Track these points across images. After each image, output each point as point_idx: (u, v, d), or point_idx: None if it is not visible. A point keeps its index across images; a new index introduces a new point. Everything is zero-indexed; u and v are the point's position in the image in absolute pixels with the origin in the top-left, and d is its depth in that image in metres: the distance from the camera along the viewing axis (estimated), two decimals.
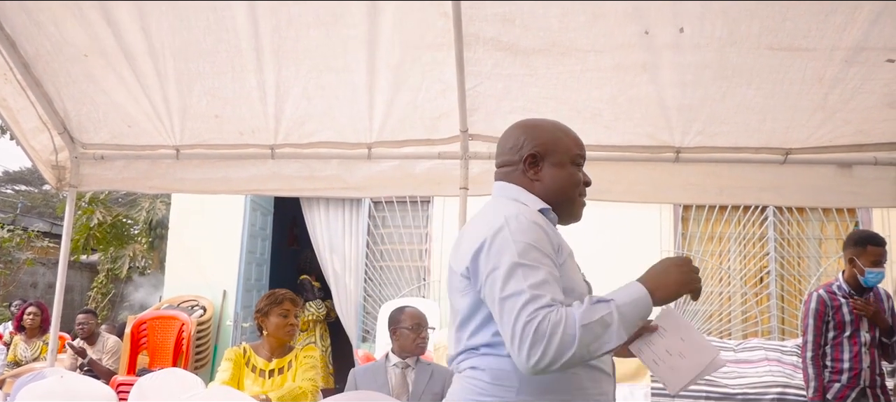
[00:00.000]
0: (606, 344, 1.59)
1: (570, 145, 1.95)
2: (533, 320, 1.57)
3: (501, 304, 1.64)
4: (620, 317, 1.60)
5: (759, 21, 3.08)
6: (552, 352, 1.55)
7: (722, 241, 7.11)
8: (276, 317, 3.63)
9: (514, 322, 1.59)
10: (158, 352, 7.13)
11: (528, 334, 1.56)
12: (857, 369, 3.80)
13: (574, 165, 1.94)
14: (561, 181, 1.91)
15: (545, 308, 1.58)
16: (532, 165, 1.91)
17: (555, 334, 1.55)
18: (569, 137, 1.96)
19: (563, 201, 1.92)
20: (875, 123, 3.55)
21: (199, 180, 4.16)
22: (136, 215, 11.86)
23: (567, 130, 1.99)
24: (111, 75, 3.64)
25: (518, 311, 1.59)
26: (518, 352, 1.59)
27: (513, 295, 1.62)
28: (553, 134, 1.95)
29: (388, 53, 3.41)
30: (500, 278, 1.65)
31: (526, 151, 1.92)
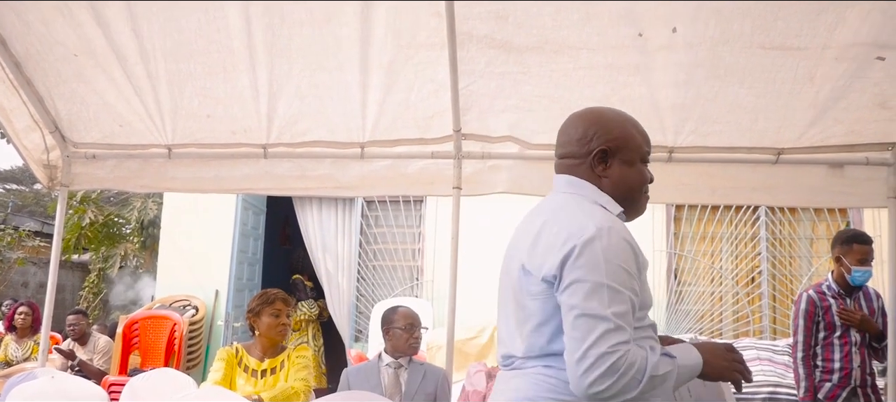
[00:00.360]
0: (658, 397, 1.65)
1: (640, 142, 1.88)
2: (613, 352, 1.56)
3: (579, 318, 1.60)
4: (677, 377, 1.66)
5: (751, 20, 3.09)
6: (617, 388, 1.57)
7: (714, 240, 7.13)
8: (267, 317, 3.63)
9: (591, 344, 1.57)
10: (150, 352, 7.11)
11: (604, 364, 1.56)
12: (848, 368, 3.82)
13: (643, 163, 1.89)
14: (631, 180, 1.86)
15: (625, 344, 1.58)
16: (601, 160, 1.84)
17: (626, 374, 1.56)
18: (639, 133, 1.89)
19: (631, 198, 1.87)
20: (866, 124, 3.56)
21: (191, 179, 4.14)
22: (128, 214, 11.82)
23: (637, 124, 1.91)
24: (102, 76, 3.63)
25: (599, 336, 1.57)
26: (584, 373, 1.57)
27: (595, 316, 1.59)
28: (624, 129, 1.87)
29: (380, 53, 3.40)
30: (583, 291, 1.61)
31: (595, 146, 1.84)
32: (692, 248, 7.11)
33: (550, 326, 1.71)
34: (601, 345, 1.56)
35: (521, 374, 1.78)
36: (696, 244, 7.13)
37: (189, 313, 7.39)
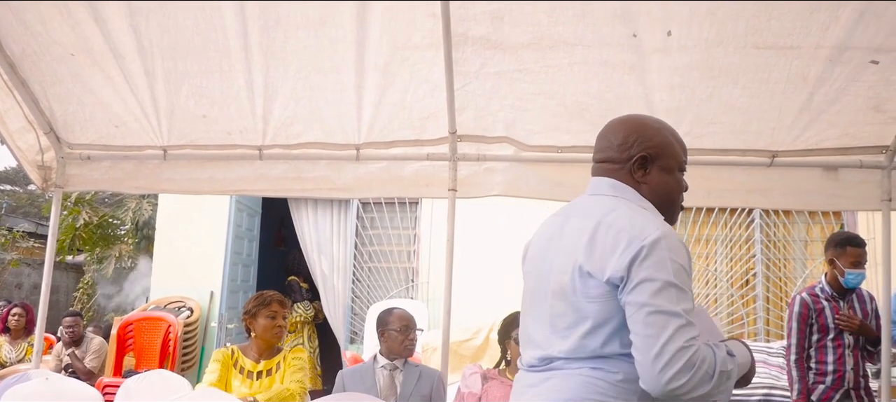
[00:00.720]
0: (723, 395, 1.69)
1: (678, 151, 1.92)
2: (688, 347, 1.59)
3: (651, 315, 1.63)
4: (737, 374, 1.72)
5: (746, 20, 3.10)
6: (693, 382, 1.59)
7: (709, 243, 7.15)
8: (263, 319, 3.62)
9: (666, 340, 1.60)
10: (145, 353, 7.10)
11: (681, 359, 1.59)
12: (841, 371, 3.83)
13: (680, 172, 1.94)
14: (670, 187, 1.90)
15: (696, 340, 1.62)
16: (641, 166, 1.88)
17: (700, 368, 1.60)
18: (678, 143, 1.94)
19: (668, 205, 1.91)
20: (860, 127, 3.58)
21: (187, 181, 4.14)
22: (123, 215, 11.79)
23: (675, 133, 1.96)
24: (98, 74, 3.62)
25: (673, 332, 1.60)
26: (661, 372, 1.60)
27: (668, 313, 1.62)
28: (664, 137, 1.92)
29: (376, 54, 3.41)
30: (652, 290, 1.64)
31: (636, 152, 1.88)
32: None
33: (607, 328, 1.72)
34: (677, 340, 1.60)
35: (561, 374, 1.78)
36: (690, 246, 7.14)
37: (184, 315, 7.39)
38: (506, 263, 6.91)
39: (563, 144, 3.77)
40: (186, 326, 7.29)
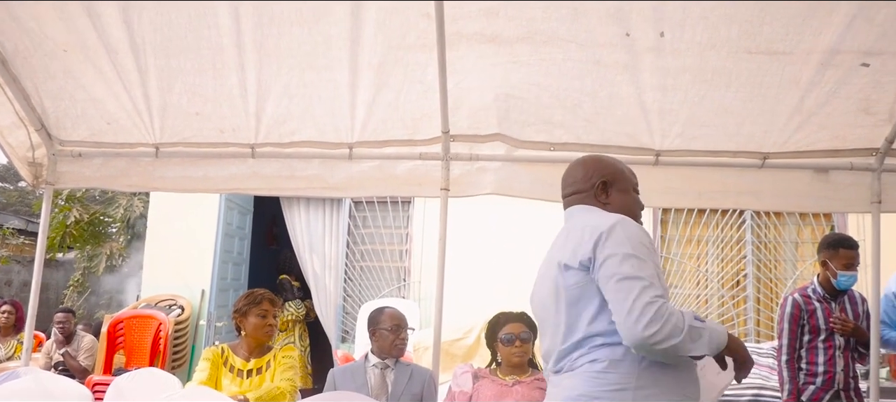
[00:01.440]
0: (696, 350, 1.92)
1: (629, 176, 2.34)
2: (654, 302, 1.88)
3: (619, 282, 1.94)
4: (709, 337, 1.94)
5: (738, 25, 3.11)
6: (666, 332, 1.86)
7: (700, 244, 7.17)
8: (254, 317, 3.62)
9: (634, 300, 1.90)
10: (135, 352, 7.07)
11: (650, 312, 1.87)
12: (832, 372, 3.84)
13: (635, 192, 2.34)
14: (628, 203, 2.28)
15: (661, 297, 1.91)
16: (603, 190, 2.28)
17: (669, 320, 1.87)
18: (627, 169, 2.36)
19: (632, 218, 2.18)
20: (851, 129, 3.60)
21: (179, 179, 4.12)
22: (114, 212, 11.74)
23: (625, 165, 2.38)
24: (91, 70, 3.60)
25: (639, 291, 1.90)
26: (635, 324, 1.88)
27: (631, 278, 1.93)
28: (615, 165, 2.34)
29: (370, 53, 3.40)
30: (616, 261, 1.96)
31: (597, 180, 2.28)
32: (678, 251, 7.15)
33: (590, 307, 2.04)
34: (644, 297, 1.89)
35: (571, 374, 2.07)
36: (682, 247, 7.17)
37: (175, 313, 7.36)
38: (498, 263, 6.93)
39: (555, 140, 3.77)
40: (177, 324, 7.26)
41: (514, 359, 3.43)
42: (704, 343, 1.92)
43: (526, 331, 3.45)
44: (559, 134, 3.76)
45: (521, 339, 3.42)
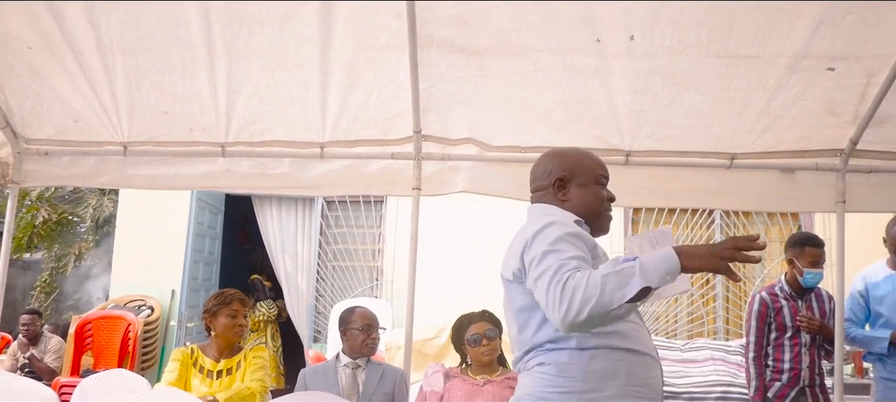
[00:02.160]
0: (628, 291, 1.74)
1: (593, 167, 2.22)
2: (559, 280, 1.80)
3: (536, 282, 1.89)
4: (642, 270, 1.74)
5: (708, 30, 3.16)
6: (577, 303, 1.75)
7: None
8: (224, 317, 3.59)
9: (546, 291, 1.83)
10: (104, 353, 6.98)
11: (557, 292, 1.79)
12: (797, 369, 3.91)
13: (597, 185, 2.21)
14: (587, 199, 2.18)
15: (571, 270, 1.81)
16: (560, 187, 2.19)
17: (578, 288, 1.76)
18: (592, 160, 2.25)
19: (590, 215, 2.17)
20: (816, 130, 3.66)
21: (150, 177, 4.06)
22: (83, 212, 11.58)
23: (590, 153, 2.29)
24: (57, 69, 3.55)
25: (548, 279, 1.83)
26: (553, 313, 1.81)
27: (543, 273, 1.87)
28: (577, 158, 2.24)
29: (341, 53, 3.39)
30: (535, 262, 1.91)
31: (554, 176, 2.20)
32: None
33: (536, 319, 2.02)
34: (552, 285, 1.82)
35: (525, 374, 2.08)
36: None
37: (144, 314, 7.28)
38: (470, 262, 6.94)
39: (526, 144, 3.79)
40: (147, 325, 7.18)
41: (483, 358, 3.45)
42: (638, 278, 1.74)
43: (491, 328, 3.46)
44: (530, 139, 3.78)
45: (488, 337, 3.44)
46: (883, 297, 3.91)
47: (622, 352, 1.99)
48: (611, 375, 1.96)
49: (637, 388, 1.98)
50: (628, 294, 1.73)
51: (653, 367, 2.06)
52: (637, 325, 2.07)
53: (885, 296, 3.91)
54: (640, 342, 2.04)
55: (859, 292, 4.02)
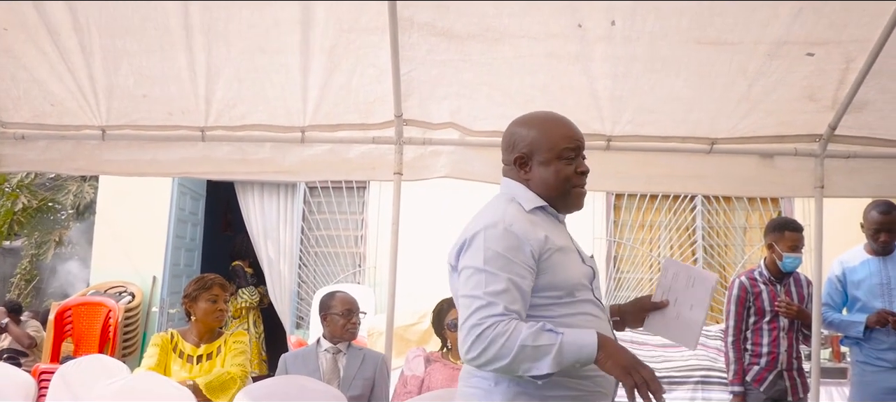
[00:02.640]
0: (537, 370, 1.75)
1: (556, 140, 2.01)
2: (480, 324, 1.76)
3: (460, 301, 1.86)
4: (558, 352, 1.74)
5: (689, 16, 3.17)
6: (488, 356, 1.75)
7: (652, 229, 7.28)
8: (204, 302, 3.58)
9: (465, 319, 1.79)
10: (84, 339, 6.93)
11: (474, 334, 1.76)
12: (775, 353, 3.95)
13: (561, 160, 2.00)
14: (548, 179, 1.99)
15: (495, 317, 1.76)
16: (522, 165, 2.03)
17: (494, 343, 1.74)
18: (557, 132, 2.03)
19: (555, 196, 2.01)
20: (796, 116, 3.68)
21: (127, 162, 4.02)
22: (63, 198, 11.49)
23: (558, 122, 2.07)
24: (32, 50, 3.49)
25: (471, 312, 1.79)
26: (462, 345, 1.80)
27: (470, 296, 1.81)
28: (541, 131, 2.03)
29: (322, 36, 3.37)
30: (465, 277, 1.85)
31: (515, 153, 2.04)
32: (631, 236, 7.26)
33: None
34: (472, 319, 1.78)
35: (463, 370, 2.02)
36: (634, 232, 7.28)
37: (125, 300, 7.23)
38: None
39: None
40: (128, 311, 7.13)
41: None
42: (552, 360, 1.73)
43: None
44: None
45: None
46: (860, 281, 3.95)
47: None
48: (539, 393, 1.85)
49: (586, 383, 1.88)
50: (536, 372, 1.74)
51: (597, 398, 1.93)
52: (594, 316, 1.95)
53: (862, 280, 3.95)
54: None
55: (837, 276, 4.06)
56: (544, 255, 1.88)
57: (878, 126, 3.69)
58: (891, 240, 3.89)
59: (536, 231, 1.88)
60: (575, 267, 1.95)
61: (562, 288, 1.90)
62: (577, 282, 1.93)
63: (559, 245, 1.92)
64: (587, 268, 2.00)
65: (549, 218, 2.00)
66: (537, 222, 1.93)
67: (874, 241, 3.90)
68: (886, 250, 3.91)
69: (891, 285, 3.89)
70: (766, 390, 3.95)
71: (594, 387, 1.89)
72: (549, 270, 1.88)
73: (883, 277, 3.92)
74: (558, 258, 1.90)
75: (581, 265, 1.98)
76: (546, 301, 1.89)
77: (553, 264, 1.89)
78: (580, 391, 1.87)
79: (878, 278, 3.93)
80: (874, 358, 3.87)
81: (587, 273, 1.99)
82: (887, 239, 3.88)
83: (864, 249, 4.02)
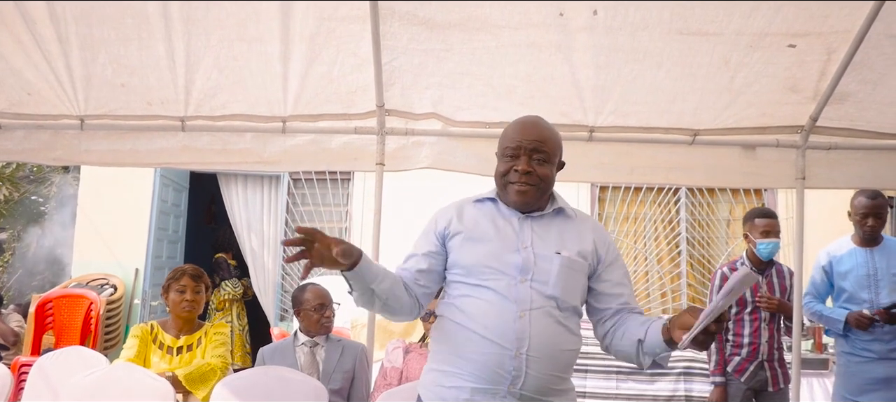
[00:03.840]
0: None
1: (503, 138, 2.21)
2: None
3: None
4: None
5: (671, 7, 3.17)
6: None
7: (637, 221, 7.29)
8: (174, 293, 3.56)
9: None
10: (65, 332, 6.86)
11: None
12: (756, 343, 3.97)
13: (503, 157, 2.19)
14: (497, 172, 2.21)
15: (399, 267, 2.24)
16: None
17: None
18: (509, 131, 2.22)
19: (499, 189, 2.23)
20: (777, 107, 3.68)
21: (106, 152, 3.97)
22: (46, 191, 11.39)
23: (516, 123, 2.24)
24: (7, 39, 3.44)
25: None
26: None
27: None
28: (505, 131, 2.23)
29: (302, 25, 3.34)
30: None
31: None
32: (616, 228, 7.26)
33: None
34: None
35: None
36: (619, 225, 7.28)
37: (107, 292, 7.16)
38: None
39: (490, 120, 3.77)
40: (109, 304, 7.07)
41: None
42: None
43: None
44: (493, 115, 3.76)
45: None
46: (846, 272, 3.98)
47: (457, 327, 2.08)
48: (443, 341, 2.13)
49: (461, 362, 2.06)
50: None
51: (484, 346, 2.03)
52: (487, 301, 2.06)
53: (848, 271, 3.98)
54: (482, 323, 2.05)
55: (823, 266, 4.08)
56: (455, 236, 2.17)
57: (859, 118, 3.70)
58: (878, 226, 3.91)
59: (444, 218, 2.24)
60: (482, 252, 2.12)
61: (461, 267, 2.13)
62: (477, 264, 2.10)
63: (468, 233, 2.16)
64: (514, 256, 2.10)
65: (493, 209, 2.22)
66: (474, 208, 2.24)
67: (862, 227, 3.92)
68: (873, 237, 3.93)
69: (878, 276, 3.91)
70: (746, 380, 3.97)
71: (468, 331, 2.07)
72: (454, 250, 2.17)
73: (870, 267, 3.94)
74: (459, 243, 2.16)
75: (501, 252, 2.11)
76: (452, 278, 2.17)
77: (455, 246, 2.16)
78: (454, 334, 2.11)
79: (864, 270, 3.95)
80: (860, 349, 3.90)
81: (510, 261, 2.10)
82: (875, 224, 3.90)
83: (852, 239, 4.04)
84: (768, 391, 4.00)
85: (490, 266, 2.08)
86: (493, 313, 2.04)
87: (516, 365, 2.00)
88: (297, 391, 3.20)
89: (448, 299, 2.15)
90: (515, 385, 2.01)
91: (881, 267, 3.93)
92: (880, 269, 3.92)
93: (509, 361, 2.00)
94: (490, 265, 2.08)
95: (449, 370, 2.08)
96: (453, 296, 2.14)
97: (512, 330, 2.02)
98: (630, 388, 5.73)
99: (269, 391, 3.23)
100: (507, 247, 2.11)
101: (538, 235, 2.15)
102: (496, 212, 2.21)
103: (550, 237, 2.16)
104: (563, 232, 2.19)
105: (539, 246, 2.13)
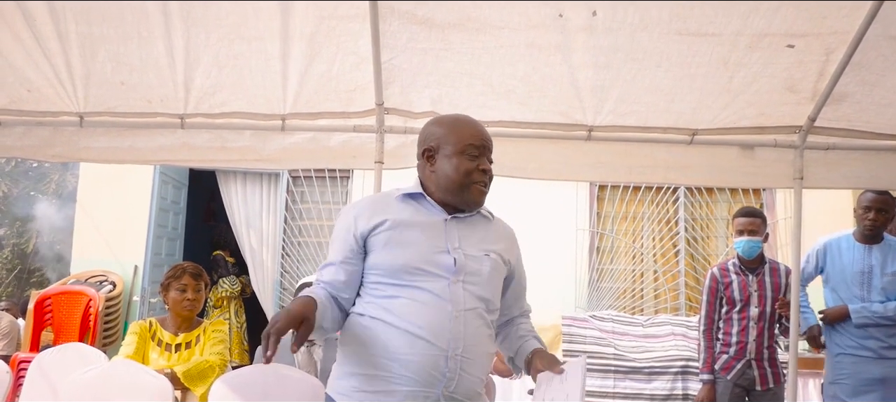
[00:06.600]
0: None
1: (462, 136, 2.15)
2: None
3: None
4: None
5: (669, 8, 3.17)
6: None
7: (635, 220, 7.30)
8: (174, 292, 3.57)
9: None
10: (64, 329, 6.87)
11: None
12: (744, 342, 4.01)
13: (463, 155, 2.13)
14: (449, 171, 2.13)
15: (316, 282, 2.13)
16: (429, 159, 2.18)
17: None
18: (466, 129, 2.17)
19: (454, 189, 2.14)
20: (776, 107, 3.70)
21: (105, 149, 3.98)
22: (45, 187, 11.41)
23: (466, 122, 2.21)
24: (7, 36, 3.44)
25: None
26: None
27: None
28: (451, 128, 2.18)
29: (302, 23, 3.35)
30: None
31: (422, 147, 2.21)
32: (614, 227, 7.27)
33: None
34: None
35: None
36: (617, 224, 7.29)
37: (106, 289, 7.18)
38: None
39: (488, 119, 3.78)
40: (108, 300, 7.08)
41: None
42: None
43: None
44: (492, 114, 3.77)
45: None
46: (842, 264, 4.04)
47: (386, 327, 2.01)
48: (365, 343, 2.02)
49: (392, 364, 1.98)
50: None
51: (419, 346, 1.98)
52: (414, 301, 2.02)
53: (844, 264, 4.03)
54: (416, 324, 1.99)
55: (816, 250, 4.15)
56: (376, 231, 2.08)
57: (857, 118, 3.71)
58: (879, 220, 3.96)
59: (354, 220, 2.11)
60: (411, 253, 2.04)
61: (386, 268, 2.04)
62: (406, 265, 2.03)
63: (390, 225, 2.08)
64: (445, 257, 2.06)
65: (419, 207, 2.15)
66: (392, 206, 2.14)
67: (862, 221, 3.97)
68: (873, 232, 3.97)
69: (871, 274, 3.94)
70: (733, 378, 4.02)
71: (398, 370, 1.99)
72: (374, 249, 2.08)
73: (865, 264, 3.97)
74: (385, 241, 2.06)
75: (431, 253, 2.06)
76: (374, 278, 2.07)
77: (379, 244, 2.07)
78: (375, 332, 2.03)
79: (859, 266, 3.99)
80: (857, 348, 3.92)
81: (441, 261, 2.05)
82: (876, 218, 3.95)
83: (853, 235, 4.07)
84: (756, 390, 4.02)
85: (420, 268, 2.03)
86: (428, 314, 2.00)
87: (451, 367, 1.98)
88: (295, 389, 3.21)
89: (370, 299, 2.07)
90: (448, 387, 2.00)
91: (876, 266, 3.95)
92: (875, 266, 3.95)
93: (444, 362, 1.98)
94: (420, 267, 2.03)
95: (374, 373, 2.00)
96: (377, 296, 2.05)
97: (447, 331, 1.99)
98: (627, 387, 5.76)
99: (267, 388, 3.24)
100: (435, 247, 2.07)
101: (464, 235, 2.14)
102: (422, 209, 2.16)
103: (475, 238, 2.15)
104: (486, 234, 2.20)
105: (467, 247, 2.11)
